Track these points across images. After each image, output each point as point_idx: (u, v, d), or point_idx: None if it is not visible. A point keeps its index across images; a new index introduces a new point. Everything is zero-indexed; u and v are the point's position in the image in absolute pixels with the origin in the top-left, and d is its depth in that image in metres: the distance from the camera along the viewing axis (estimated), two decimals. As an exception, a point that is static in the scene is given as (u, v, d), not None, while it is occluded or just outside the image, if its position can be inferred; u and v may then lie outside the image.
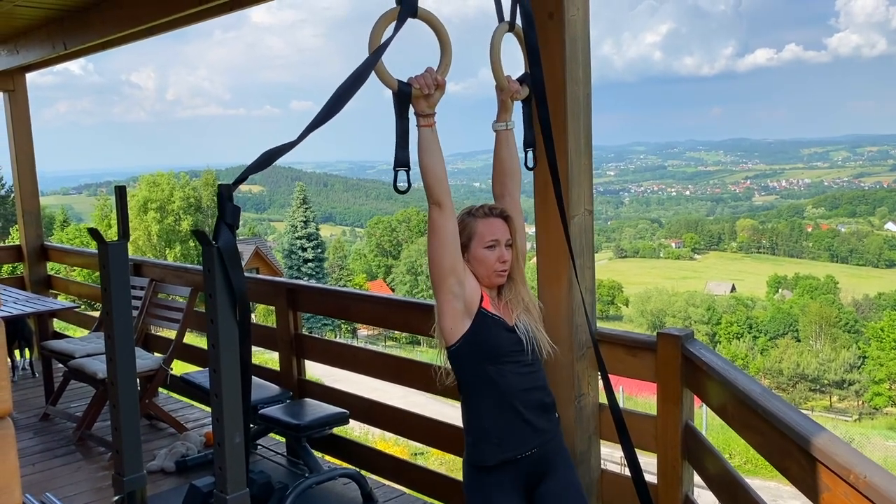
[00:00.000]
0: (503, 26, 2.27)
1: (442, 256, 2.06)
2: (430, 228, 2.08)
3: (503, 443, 2.17)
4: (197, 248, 40.86)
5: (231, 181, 1.68)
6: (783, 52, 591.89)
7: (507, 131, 2.32)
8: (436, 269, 2.09)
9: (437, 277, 2.10)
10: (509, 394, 2.14)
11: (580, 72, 2.66)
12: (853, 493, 1.55)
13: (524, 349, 2.17)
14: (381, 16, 1.90)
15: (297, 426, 3.55)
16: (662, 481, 2.69)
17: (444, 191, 2.03)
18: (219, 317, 1.64)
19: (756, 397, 2.02)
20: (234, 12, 4.30)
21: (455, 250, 2.09)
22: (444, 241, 2.05)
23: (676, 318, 60.36)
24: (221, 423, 1.66)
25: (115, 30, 4.82)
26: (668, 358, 2.61)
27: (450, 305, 2.11)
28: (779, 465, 1.92)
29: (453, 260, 2.08)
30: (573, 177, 2.68)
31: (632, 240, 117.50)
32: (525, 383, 2.18)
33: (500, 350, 2.14)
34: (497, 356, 2.14)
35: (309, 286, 4.65)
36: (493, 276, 2.20)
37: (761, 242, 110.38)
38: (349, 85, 1.78)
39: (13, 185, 7.01)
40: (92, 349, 4.82)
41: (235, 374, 1.67)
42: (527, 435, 2.18)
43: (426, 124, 2.00)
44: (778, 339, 54.16)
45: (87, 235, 40.18)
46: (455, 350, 2.15)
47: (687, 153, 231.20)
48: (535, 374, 2.21)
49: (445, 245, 2.05)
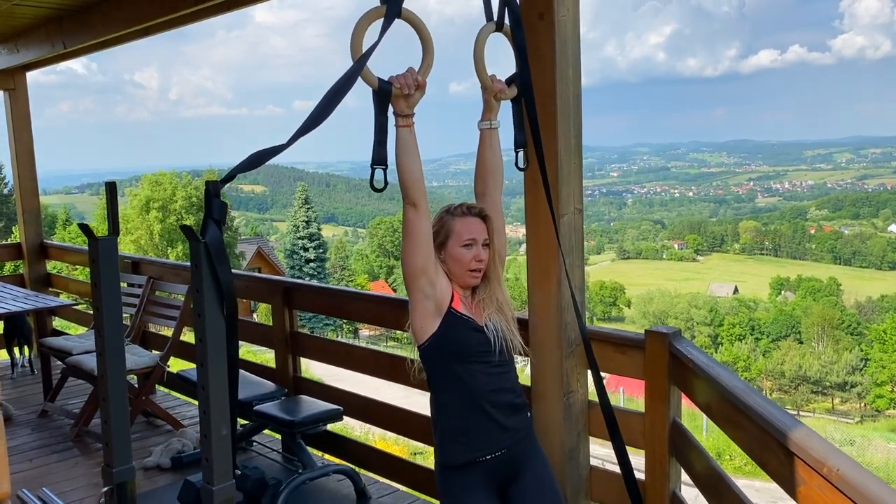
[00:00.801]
0: (489, 26, 2.29)
1: (415, 256, 2.08)
2: (404, 228, 2.09)
3: (471, 442, 2.17)
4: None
5: (232, 169, 1.70)
6: (787, 54, 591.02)
7: (491, 130, 2.33)
8: (408, 269, 2.11)
9: (409, 277, 2.12)
10: (477, 394, 2.14)
11: (570, 72, 2.69)
12: (826, 486, 1.57)
13: (492, 349, 2.17)
14: (364, 15, 1.92)
15: (291, 422, 3.58)
16: (650, 477, 2.71)
17: (420, 191, 2.04)
18: (206, 311, 1.67)
19: (738, 393, 2.05)
20: (231, 11, 4.33)
21: (427, 251, 2.10)
22: (417, 241, 2.06)
23: (679, 319, 60.34)
24: (208, 415, 1.69)
25: (115, 29, 4.86)
26: (656, 355, 2.64)
27: (421, 305, 2.12)
28: (758, 459, 1.95)
29: (425, 260, 2.09)
30: (563, 176, 2.71)
31: (634, 241, 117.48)
32: (493, 384, 2.18)
33: (467, 350, 2.15)
34: (464, 356, 2.15)
35: (304, 284, 4.69)
36: (467, 275, 2.20)
37: (764, 244, 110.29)
38: (337, 90, 1.80)
39: (14, 185, 7.05)
40: (90, 346, 4.86)
41: (222, 367, 1.70)
42: (495, 435, 2.18)
43: (405, 125, 2.01)
44: (780, 341, 54.14)
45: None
46: (425, 348, 2.17)
47: (690, 154, 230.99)
48: (504, 374, 2.21)
49: (419, 245, 2.07)
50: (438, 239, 2.20)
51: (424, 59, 2.06)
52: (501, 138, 2.40)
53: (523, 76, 2.30)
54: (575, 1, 2.69)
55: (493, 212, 2.30)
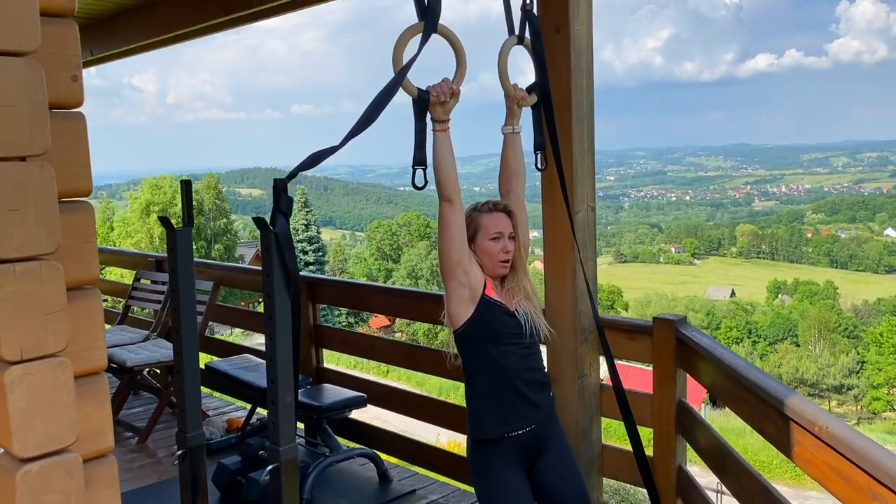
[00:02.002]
0: (512, 39, 2.52)
1: (450, 248, 2.28)
2: (440, 223, 2.29)
3: (503, 418, 2.35)
4: (199, 251, 41.13)
5: (296, 166, 1.94)
6: (784, 58, 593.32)
7: (514, 135, 2.54)
8: (445, 260, 2.30)
9: (446, 267, 2.31)
10: (510, 372, 2.33)
11: (584, 81, 2.94)
12: (819, 445, 1.81)
13: (523, 332, 2.36)
14: (404, 31, 2.15)
15: (319, 408, 3.81)
16: (658, 454, 2.95)
17: (454, 189, 2.25)
18: (275, 292, 1.90)
19: (739, 370, 2.29)
20: (258, 22, 4.57)
21: (462, 243, 2.30)
22: (452, 234, 2.26)
23: (676, 322, 60.49)
24: (276, 384, 1.92)
25: (142, 37, 5.09)
26: (663, 340, 2.88)
27: (457, 293, 2.32)
28: (759, 428, 2.18)
29: (460, 252, 2.29)
30: (578, 176, 2.95)
31: (631, 244, 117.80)
32: (524, 363, 2.37)
33: (501, 332, 2.34)
34: (499, 338, 2.34)
35: (327, 279, 4.92)
36: (497, 265, 2.39)
37: (761, 248, 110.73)
38: (382, 98, 2.05)
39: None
40: (117, 340, 5.09)
41: (288, 341, 1.93)
42: (525, 411, 2.36)
43: (441, 129, 2.23)
44: (777, 344, 54.42)
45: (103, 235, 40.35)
46: (461, 333, 2.35)
47: (687, 158, 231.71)
48: (533, 355, 2.42)
49: (454, 238, 2.27)
50: (468, 234, 2.40)
51: (458, 70, 2.29)
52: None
53: (542, 85, 2.53)
54: (588, 16, 2.93)
55: (517, 208, 2.50)
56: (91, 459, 1.38)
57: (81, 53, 4.42)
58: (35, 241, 1.14)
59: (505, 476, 2.37)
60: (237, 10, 4.22)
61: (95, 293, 1.40)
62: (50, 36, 1.31)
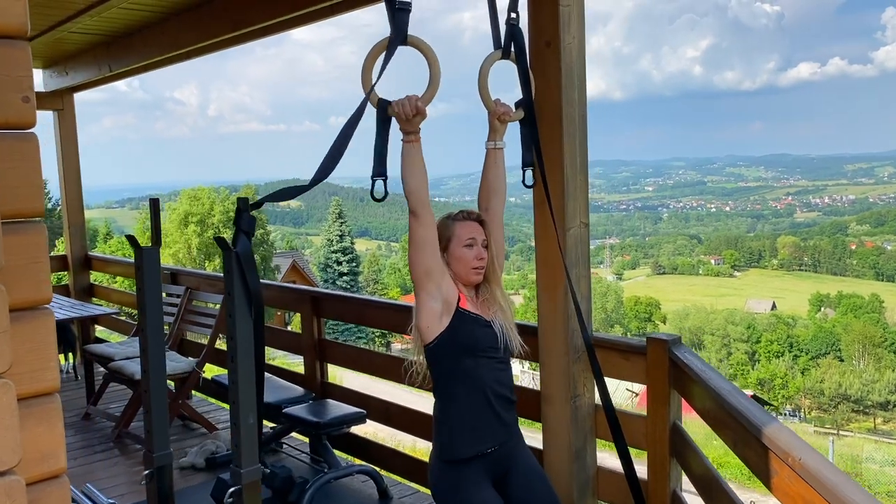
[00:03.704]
0: (495, 54, 2.47)
1: (419, 261, 2.26)
2: (409, 235, 2.28)
3: (478, 435, 2.31)
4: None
5: (263, 196, 1.96)
6: (827, 66, 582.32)
7: (496, 150, 2.49)
8: (414, 272, 2.29)
9: (416, 279, 2.29)
10: (484, 385, 2.30)
11: (575, 94, 2.87)
12: (793, 476, 1.72)
13: (498, 345, 2.34)
14: (374, 46, 2.13)
15: (317, 424, 3.79)
16: (652, 477, 2.86)
17: (421, 202, 2.21)
18: (236, 313, 1.88)
19: (724, 394, 2.20)
20: (268, 36, 4.60)
21: (431, 255, 2.27)
22: (420, 247, 2.24)
23: (715, 335, 59.59)
24: (237, 405, 1.90)
25: (157, 53, 5.17)
26: (657, 361, 2.79)
27: (427, 306, 2.28)
28: (742, 455, 2.09)
29: (429, 264, 2.26)
30: (569, 192, 2.89)
31: (670, 256, 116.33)
32: (497, 377, 2.34)
33: (477, 344, 2.30)
34: (474, 349, 2.30)
35: (331, 294, 4.91)
36: (470, 272, 2.36)
37: (803, 260, 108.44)
38: (346, 130, 2.05)
39: (60, 200, 7.43)
40: (130, 352, 5.13)
41: (250, 362, 1.91)
42: (497, 428, 2.33)
43: (408, 140, 2.20)
44: (820, 359, 53.12)
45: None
46: (433, 347, 2.31)
47: (727, 169, 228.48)
48: (505, 371, 2.39)
49: (422, 251, 2.25)
50: (442, 243, 2.37)
51: (428, 89, 2.23)
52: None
53: (525, 100, 2.48)
54: (580, 29, 2.87)
55: (495, 225, 2.47)
56: (41, 481, 1.37)
57: (101, 69, 4.47)
58: (-24, 262, 1.13)
59: (479, 496, 2.31)
60: (243, 26, 4.25)
61: (47, 313, 1.38)
62: (1, 57, 1.31)
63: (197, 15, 4.63)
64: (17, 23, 1.30)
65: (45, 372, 1.37)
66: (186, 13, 4.69)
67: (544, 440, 3.08)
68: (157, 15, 4.86)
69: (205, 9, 4.53)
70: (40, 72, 6.76)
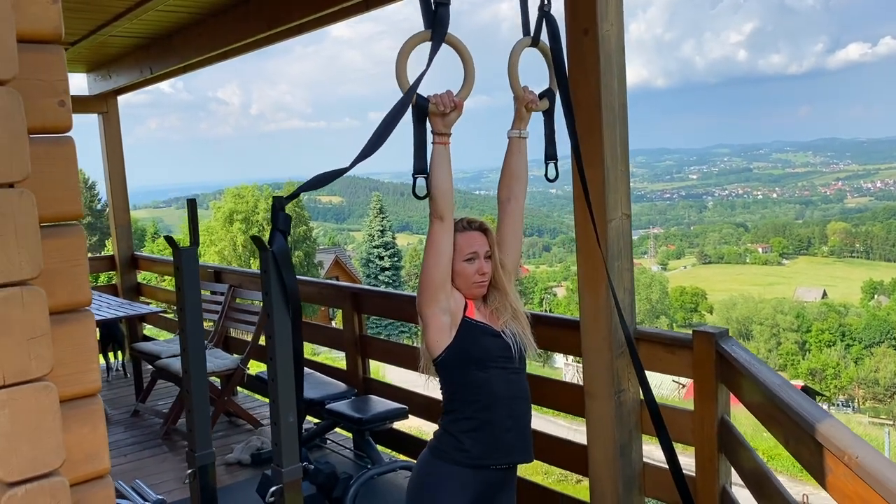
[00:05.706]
0: (525, 40, 2.38)
1: (436, 270, 2.12)
2: (428, 241, 2.14)
3: (489, 445, 2.18)
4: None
5: (298, 187, 1.93)
6: (878, 46, 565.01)
7: (520, 139, 2.37)
8: (428, 281, 2.14)
9: (429, 290, 2.14)
10: (497, 401, 2.17)
11: (615, 83, 2.81)
12: (850, 475, 1.65)
13: (512, 355, 2.21)
14: (407, 40, 2.08)
15: (360, 420, 3.79)
16: (700, 474, 2.79)
17: (448, 206, 2.10)
18: (274, 311, 1.87)
19: (775, 389, 2.13)
20: (302, 35, 4.61)
21: (447, 265, 2.15)
22: (440, 254, 2.11)
23: (764, 325, 58.40)
24: (277, 403, 1.89)
25: (196, 54, 5.23)
26: (704, 355, 2.72)
27: (437, 320, 2.15)
28: (794, 452, 2.02)
29: (445, 274, 2.14)
30: (609, 183, 2.83)
31: (716, 245, 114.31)
32: (511, 391, 2.21)
33: (487, 355, 2.17)
34: (484, 361, 2.17)
35: (370, 290, 4.91)
36: (472, 287, 2.22)
37: (854, 246, 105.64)
38: (391, 119, 1.98)
39: (107, 201, 7.59)
40: (177, 350, 5.21)
41: (289, 361, 1.90)
42: (506, 448, 2.20)
43: (440, 142, 2.11)
44: (874, 348, 51.65)
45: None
46: (442, 360, 2.18)
47: (773, 155, 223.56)
48: (521, 381, 2.24)
49: (441, 258, 2.12)
50: None
51: (465, 84, 2.17)
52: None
53: (562, 89, 2.39)
54: (618, 16, 2.81)
55: (516, 216, 2.36)
56: (86, 482, 1.38)
57: (142, 72, 4.54)
58: (16, 267, 1.13)
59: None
60: (278, 24, 4.27)
61: (87, 315, 1.39)
62: (36, 62, 1.32)
63: (233, 15, 4.67)
64: (51, 28, 1.31)
65: (87, 374, 1.37)
66: (222, 14, 4.73)
67: (588, 435, 3.03)
68: (194, 16, 4.92)
69: (240, 9, 4.56)
70: (84, 76, 6.90)
